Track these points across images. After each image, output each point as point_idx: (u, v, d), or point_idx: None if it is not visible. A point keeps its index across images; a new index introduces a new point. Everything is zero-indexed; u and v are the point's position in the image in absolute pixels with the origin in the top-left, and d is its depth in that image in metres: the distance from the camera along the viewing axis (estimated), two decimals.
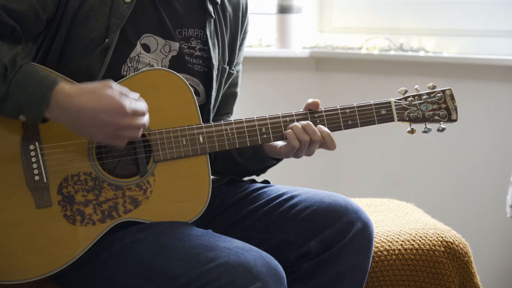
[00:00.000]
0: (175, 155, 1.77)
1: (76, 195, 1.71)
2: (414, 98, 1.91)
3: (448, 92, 1.92)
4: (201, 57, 1.90)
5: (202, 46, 1.89)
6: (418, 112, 1.90)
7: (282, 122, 1.84)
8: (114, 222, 1.73)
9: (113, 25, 1.76)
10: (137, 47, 1.81)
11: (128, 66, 1.81)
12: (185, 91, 1.79)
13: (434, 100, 1.91)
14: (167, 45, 1.85)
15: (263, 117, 1.84)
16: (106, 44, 1.76)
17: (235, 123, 1.81)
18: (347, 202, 1.86)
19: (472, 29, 3.34)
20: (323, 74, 3.65)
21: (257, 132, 1.83)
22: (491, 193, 3.27)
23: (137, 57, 1.81)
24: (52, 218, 1.70)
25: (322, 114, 1.86)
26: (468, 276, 2.07)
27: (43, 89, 1.61)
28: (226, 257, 1.62)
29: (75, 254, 1.70)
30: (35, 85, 1.61)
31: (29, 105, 1.61)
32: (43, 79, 1.62)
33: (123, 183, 1.74)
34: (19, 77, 1.61)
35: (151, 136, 1.76)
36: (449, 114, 1.92)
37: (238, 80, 2.05)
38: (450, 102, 1.92)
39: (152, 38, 1.83)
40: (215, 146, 1.80)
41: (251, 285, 1.60)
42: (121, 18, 1.77)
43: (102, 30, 1.76)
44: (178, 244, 1.68)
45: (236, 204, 1.92)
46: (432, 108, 1.91)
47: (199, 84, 1.90)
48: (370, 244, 1.84)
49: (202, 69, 1.90)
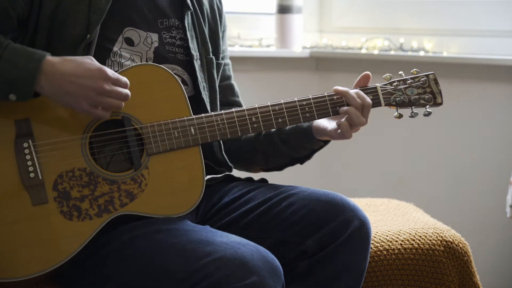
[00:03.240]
0: (167, 147, 1.78)
1: (71, 190, 1.72)
2: (399, 83, 1.94)
3: (432, 76, 1.95)
4: (182, 46, 1.93)
5: (182, 36, 1.93)
6: (404, 96, 1.93)
7: (272, 111, 1.86)
8: (111, 216, 1.74)
9: (93, 20, 1.79)
10: (120, 41, 1.84)
11: (112, 60, 1.83)
12: (174, 85, 1.81)
13: (419, 84, 1.94)
14: (149, 37, 1.88)
15: (252, 107, 1.85)
16: (88, 40, 1.78)
17: (225, 114, 1.83)
18: (344, 200, 1.86)
19: (472, 29, 3.34)
20: (323, 74, 3.65)
21: (248, 122, 1.84)
22: (491, 193, 3.26)
23: (119, 51, 1.84)
24: (49, 215, 1.70)
25: (310, 101, 1.87)
26: (468, 276, 2.07)
27: (33, 62, 1.66)
28: (223, 251, 1.63)
29: (73, 249, 1.71)
30: (25, 59, 1.66)
31: (21, 79, 1.65)
32: (32, 53, 1.67)
33: (117, 177, 1.76)
34: (7, 54, 1.66)
35: (143, 129, 1.77)
36: (434, 98, 1.94)
37: (231, 73, 2.09)
38: (435, 86, 1.95)
39: (134, 31, 1.86)
40: (207, 137, 1.81)
41: (247, 279, 1.61)
42: (100, 13, 1.80)
43: (82, 27, 1.79)
44: (175, 240, 1.68)
45: (233, 203, 1.92)
46: (418, 92, 1.94)
47: (184, 73, 1.92)
48: (367, 242, 1.84)
49: (184, 57, 1.93)
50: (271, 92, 3.59)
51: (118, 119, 1.77)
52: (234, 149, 2.02)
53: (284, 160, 2.01)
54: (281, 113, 1.86)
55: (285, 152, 1.98)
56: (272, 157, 2.00)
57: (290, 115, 1.87)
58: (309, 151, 1.98)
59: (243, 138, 2.02)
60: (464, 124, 3.38)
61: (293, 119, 1.87)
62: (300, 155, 1.99)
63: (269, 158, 2.01)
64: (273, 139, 1.97)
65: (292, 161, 2.02)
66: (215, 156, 1.98)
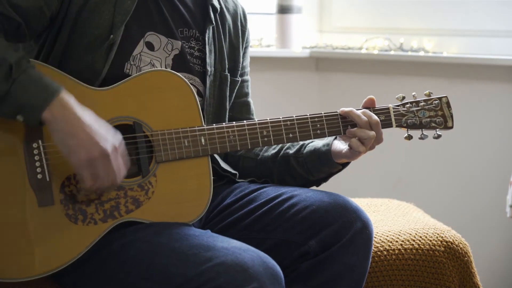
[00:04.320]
0: (177, 156, 1.77)
1: (78, 194, 1.72)
2: (412, 105, 1.93)
3: (445, 99, 1.95)
4: (200, 57, 1.91)
5: (201, 48, 1.91)
6: (415, 118, 1.93)
7: (283, 126, 1.85)
8: (115, 222, 1.74)
9: (118, 21, 1.78)
10: (140, 45, 1.83)
11: (131, 64, 1.82)
12: (187, 93, 1.80)
13: (431, 107, 1.94)
14: (170, 43, 1.86)
15: (264, 120, 1.84)
16: (111, 40, 1.77)
17: (236, 126, 1.82)
18: (346, 201, 1.86)
19: (472, 29, 3.34)
20: (323, 74, 3.65)
21: (258, 135, 1.84)
22: (491, 193, 3.27)
23: (139, 55, 1.83)
24: (54, 217, 1.70)
25: (322, 118, 1.87)
26: (468, 276, 2.07)
27: (46, 93, 1.62)
28: (224, 257, 1.62)
29: (77, 253, 1.71)
30: (38, 89, 1.62)
31: (30, 105, 1.61)
32: (46, 85, 1.63)
33: (125, 183, 1.75)
34: (23, 78, 1.62)
35: (154, 137, 1.76)
36: (445, 122, 1.95)
37: (249, 90, 2.08)
38: (446, 110, 1.95)
39: (156, 36, 1.85)
40: (217, 148, 1.80)
41: (248, 285, 1.60)
42: (125, 14, 1.79)
43: (106, 27, 1.78)
44: (176, 244, 1.68)
45: (235, 203, 1.91)
46: (429, 115, 1.94)
47: (201, 84, 1.91)
48: (369, 243, 1.84)
49: (201, 69, 1.91)
50: (271, 92, 3.59)
51: (129, 125, 1.76)
52: (250, 167, 2.02)
53: (299, 182, 1.99)
54: (292, 128, 1.86)
55: (302, 175, 1.97)
56: (288, 179, 1.99)
57: (301, 130, 1.86)
58: (327, 174, 1.97)
59: (259, 159, 2.01)
60: (464, 124, 3.38)
61: (304, 135, 1.86)
62: (316, 178, 1.98)
63: (285, 180, 1.99)
64: (290, 162, 1.96)
65: (308, 183, 2.00)
66: (219, 164, 1.97)
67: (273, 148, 2.00)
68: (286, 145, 1.98)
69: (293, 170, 1.97)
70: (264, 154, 2.00)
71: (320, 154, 1.91)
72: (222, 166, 1.97)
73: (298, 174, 1.97)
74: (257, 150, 2.01)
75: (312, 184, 2.01)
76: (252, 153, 2.02)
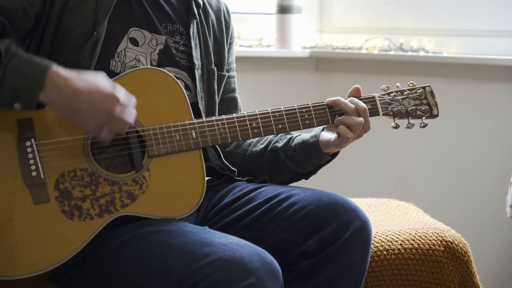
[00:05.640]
0: (169, 150, 1.79)
1: (73, 190, 1.73)
2: (397, 94, 1.98)
3: (428, 88, 2.00)
4: (185, 52, 1.93)
5: (185, 43, 1.94)
6: (401, 106, 1.97)
7: (272, 117, 1.87)
8: (111, 216, 1.74)
9: (100, 17, 1.80)
10: (125, 41, 1.85)
11: (116, 61, 1.84)
12: (175, 89, 1.82)
13: (416, 95, 1.98)
14: (154, 38, 1.89)
15: (253, 112, 1.87)
16: (95, 37, 1.79)
17: (226, 119, 1.84)
18: (345, 200, 1.86)
19: (472, 29, 3.34)
20: (323, 74, 3.65)
21: (248, 127, 1.86)
22: (491, 193, 3.26)
23: (124, 51, 1.85)
24: (50, 214, 1.71)
25: (310, 109, 1.90)
26: (468, 276, 2.07)
27: (38, 71, 1.65)
28: (221, 252, 1.63)
29: (74, 248, 1.71)
30: (30, 68, 1.65)
31: (25, 87, 1.64)
32: (37, 63, 1.66)
33: (119, 178, 1.76)
34: (14, 62, 1.66)
35: (145, 132, 1.78)
36: (431, 110, 1.99)
37: (235, 86, 2.10)
38: (431, 98, 1.99)
39: (139, 31, 1.87)
40: (208, 141, 1.82)
41: (245, 280, 1.60)
42: (106, 10, 1.81)
43: (89, 24, 1.80)
44: (174, 241, 1.68)
45: (234, 203, 1.92)
46: (414, 104, 1.98)
47: (188, 78, 1.93)
48: (368, 243, 1.84)
49: (187, 63, 1.93)
50: (271, 92, 3.59)
51: None
52: (239, 163, 2.03)
53: (289, 175, 2.01)
54: (281, 119, 1.88)
55: (291, 168, 1.98)
56: (277, 173, 2.00)
57: (290, 121, 1.88)
58: (316, 165, 1.98)
59: (248, 154, 2.03)
60: (464, 124, 3.38)
61: (293, 125, 1.88)
62: (306, 171, 1.99)
63: (274, 174, 2.01)
64: (279, 155, 1.98)
65: (298, 176, 2.02)
66: (217, 162, 1.98)
67: (261, 143, 2.01)
68: (274, 139, 2.00)
69: (282, 163, 1.98)
70: (253, 149, 2.02)
71: (309, 146, 1.93)
72: (220, 165, 1.98)
73: (287, 167, 1.98)
74: (245, 146, 2.03)
75: (301, 177, 2.02)
76: (241, 148, 2.04)
